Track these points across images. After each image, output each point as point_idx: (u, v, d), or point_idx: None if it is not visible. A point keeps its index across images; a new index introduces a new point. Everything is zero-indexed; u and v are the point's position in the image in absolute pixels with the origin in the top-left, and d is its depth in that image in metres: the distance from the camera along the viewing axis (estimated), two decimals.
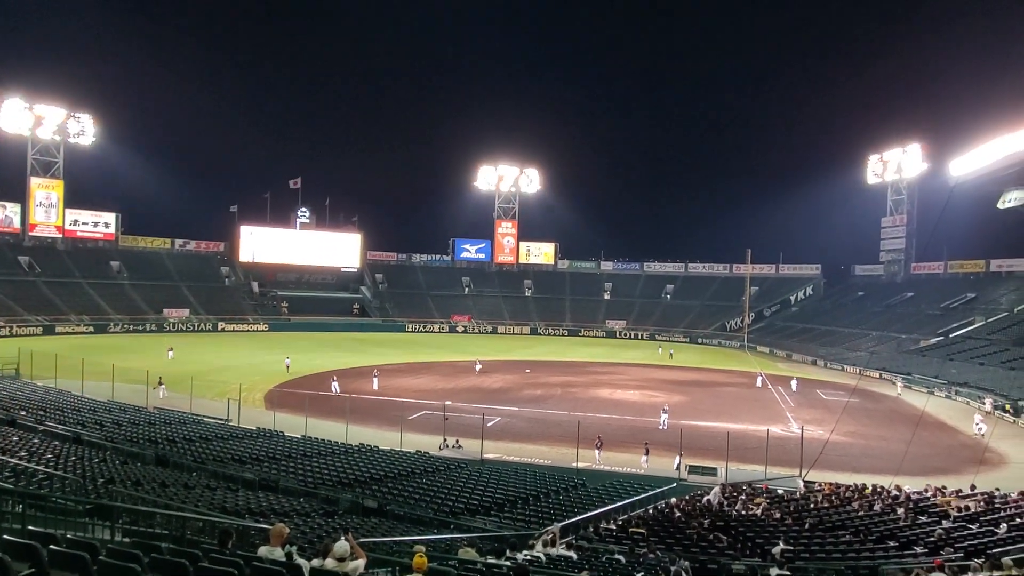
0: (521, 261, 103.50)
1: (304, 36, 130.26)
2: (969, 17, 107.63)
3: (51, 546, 6.26)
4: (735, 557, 13.45)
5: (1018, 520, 17.42)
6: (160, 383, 36.66)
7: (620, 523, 18.14)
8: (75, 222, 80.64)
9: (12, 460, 15.53)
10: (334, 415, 32.83)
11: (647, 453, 27.58)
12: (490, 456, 27.90)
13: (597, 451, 27.92)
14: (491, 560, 11.06)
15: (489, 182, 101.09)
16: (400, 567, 8.69)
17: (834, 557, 14.23)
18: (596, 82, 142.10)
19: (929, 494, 21.30)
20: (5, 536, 6.39)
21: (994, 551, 14.28)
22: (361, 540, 9.36)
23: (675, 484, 24.44)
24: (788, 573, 10.41)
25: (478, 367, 52.90)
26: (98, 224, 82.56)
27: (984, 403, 42.04)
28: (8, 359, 40.81)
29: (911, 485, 22.80)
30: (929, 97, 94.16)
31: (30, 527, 8.09)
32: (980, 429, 35.26)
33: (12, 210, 76.40)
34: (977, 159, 65.68)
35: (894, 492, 21.39)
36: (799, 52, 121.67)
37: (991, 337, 58.01)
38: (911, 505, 19.67)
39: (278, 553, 7.48)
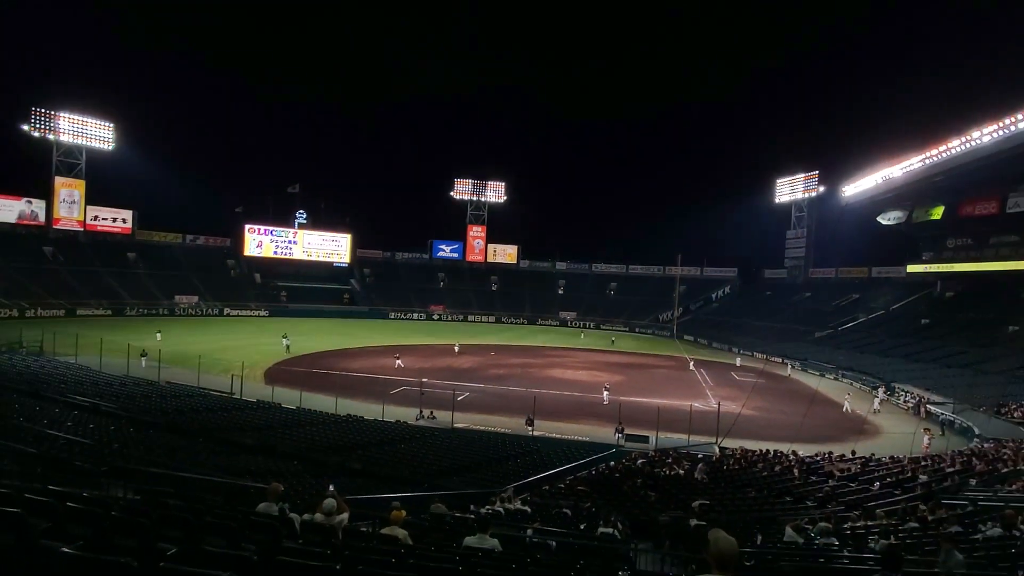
0: (489, 260, 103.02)
1: (307, 61, 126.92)
2: (856, 67, 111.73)
3: (68, 503, 6.02)
4: (661, 510, 13.69)
5: (888, 479, 18.15)
6: (143, 355, 36.23)
7: (568, 482, 18.28)
8: (95, 217, 77.27)
9: (35, 427, 14.92)
10: (325, 389, 32.26)
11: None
12: (460, 426, 27.83)
13: (529, 427, 27.00)
14: (458, 514, 11.06)
15: (462, 192, 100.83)
16: (380, 520, 8.64)
17: (742, 510, 14.59)
18: (551, 109, 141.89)
19: (819, 458, 22.03)
20: (26, 495, 6.11)
21: (869, 504, 14.89)
22: (347, 497, 9.24)
23: (614, 450, 24.77)
24: (704, 523, 10.62)
25: (456, 348, 52.75)
26: (116, 220, 79.24)
27: (878, 391, 40.53)
28: (33, 338, 38.99)
29: (805, 451, 23.51)
30: (826, 131, 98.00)
31: (50, 487, 7.77)
32: (876, 408, 36.50)
33: (38, 205, 72.83)
34: (863, 185, 67.92)
35: (791, 457, 22.03)
36: (719, 90, 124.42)
37: (871, 331, 60.23)
38: (804, 467, 20.29)
39: (274, 509, 7.36)
